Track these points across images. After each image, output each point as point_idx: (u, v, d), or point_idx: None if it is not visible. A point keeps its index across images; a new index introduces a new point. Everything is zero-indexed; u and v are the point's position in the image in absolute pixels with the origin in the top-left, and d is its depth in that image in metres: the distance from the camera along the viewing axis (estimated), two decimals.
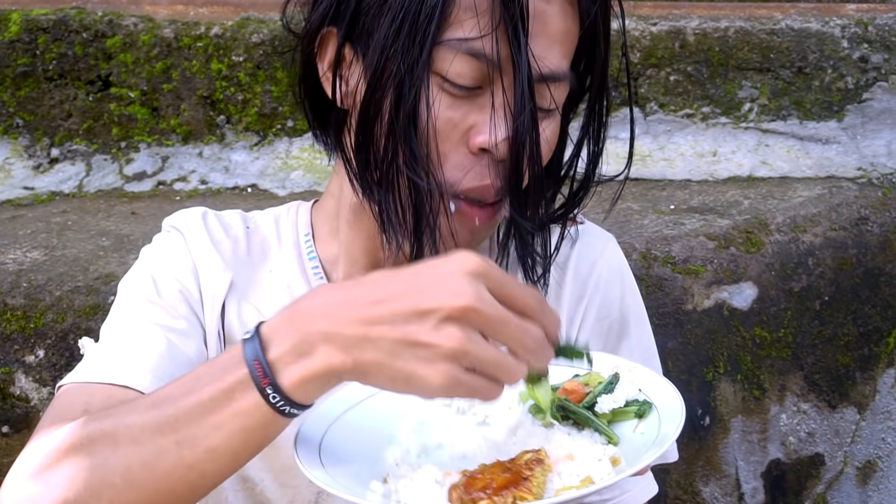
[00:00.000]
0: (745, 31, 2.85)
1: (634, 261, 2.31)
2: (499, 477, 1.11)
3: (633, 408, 1.24)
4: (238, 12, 2.91)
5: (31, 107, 2.92)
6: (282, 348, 1.08)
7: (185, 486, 1.11)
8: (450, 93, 1.28)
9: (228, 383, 1.09)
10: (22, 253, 2.44)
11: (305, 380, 1.07)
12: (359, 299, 1.07)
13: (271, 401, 1.08)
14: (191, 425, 1.10)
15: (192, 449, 1.09)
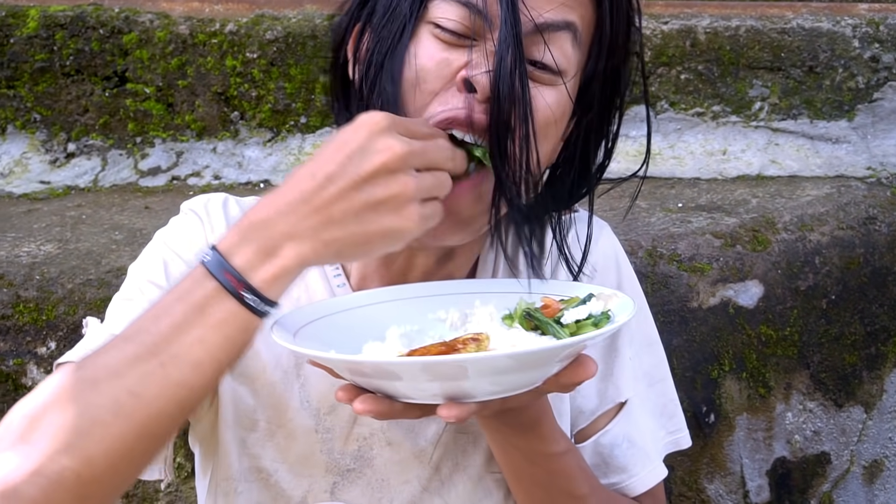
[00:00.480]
0: (755, 30, 2.86)
1: (640, 258, 2.32)
2: (434, 349, 1.21)
3: (591, 320, 1.28)
4: (252, 9, 2.94)
5: (49, 102, 2.96)
6: (247, 255, 1.14)
7: (174, 404, 1.14)
8: (441, 38, 1.31)
9: (199, 299, 1.14)
10: (36, 246, 2.47)
11: (278, 276, 1.13)
12: (304, 192, 1.14)
13: (248, 303, 1.13)
14: (172, 345, 1.13)
15: (177, 367, 1.13)
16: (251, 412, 1.49)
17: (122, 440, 1.12)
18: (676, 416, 1.71)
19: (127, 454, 1.13)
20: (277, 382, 1.48)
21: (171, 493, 2.30)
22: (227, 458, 1.52)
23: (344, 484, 1.51)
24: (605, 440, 1.61)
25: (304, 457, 1.50)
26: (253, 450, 1.50)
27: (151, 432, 1.14)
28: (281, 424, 1.49)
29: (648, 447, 1.64)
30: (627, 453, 1.62)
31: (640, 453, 1.63)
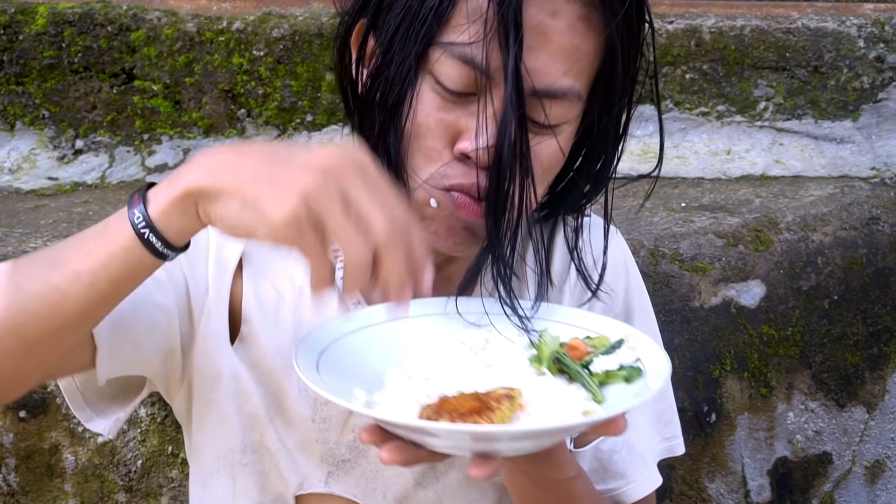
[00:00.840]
0: (760, 29, 2.86)
1: (642, 258, 2.33)
2: (468, 404, 1.18)
3: (623, 372, 1.28)
4: (260, 7, 2.95)
5: (57, 99, 2.97)
6: (159, 187, 1.14)
7: (46, 307, 1.15)
8: (441, 95, 1.30)
9: (111, 220, 1.16)
10: (42, 242, 2.49)
11: (168, 203, 1.11)
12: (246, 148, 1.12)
13: (135, 222, 1.12)
14: (66, 251, 1.16)
15: (60, 270, 1.15)
16: (252, 396, 1.50)
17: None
18: (673, 423, 1.72)
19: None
20: (278, 370, 1.49)
21: (174, 487, 2.32)
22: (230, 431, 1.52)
23: (339, 474, 1.52)
24: (605, 446, 1.62)
25: (300, 444, 1.51)
26: (258, 426, 1.51)
27: (20, 330, 1.16)
28: (280, 411, 1.50)
29: (646, 454, 1.65)
30: (626, 460, 1.63)
31: (639, 460, 1.64)
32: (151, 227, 1.12)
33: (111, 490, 2.33)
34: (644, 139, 2.87)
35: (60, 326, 1.18)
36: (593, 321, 1.41)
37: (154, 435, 2.31)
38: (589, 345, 1.35)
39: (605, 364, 1.29)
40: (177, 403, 1.56)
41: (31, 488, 2.35)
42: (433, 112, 1.30)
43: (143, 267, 1.16)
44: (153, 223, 1.12)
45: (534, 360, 1.35)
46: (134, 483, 2.32)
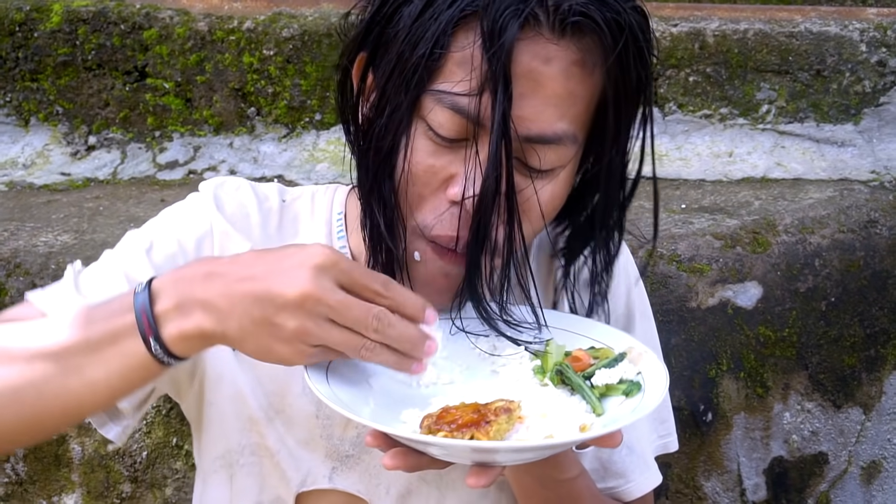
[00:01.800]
0: (763, 33, 2.87)
1: (640, 258, 2.34)
2: (467, 415, 1.22)
3: (622, 385, 1.31)
4: (270, 7, 2.98)
5: (71, 95, 3.02)
6: (166, 305, 1.21)
7: (60, 408, 1.24)
8: (434, 141, 1.31)
9: (117, 327, 1.22)
10: (53, 236, 2.53)
11: (183, 337, 1.21)
12: (229, 274, 1.21)
13: (152, 350, 1.21)
14: (79, 357, 1.23)
15: (76, 377, 1.23)
16: (251, 396, 1.52)
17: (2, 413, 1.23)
18: (668, 421, 1.74)
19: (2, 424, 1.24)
20: (280, 369, 1.51)
21: (178, 479, 2.35)
22: (228, 433, 1.55)
23: (343, 469, 1.54)
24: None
25: (304, 441, 1.53)
26: (258, 428, 1.53)
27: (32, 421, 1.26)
28: (281, 410, 1.52)
29: (646, 453, 1.67)
30: (626, 459, 1.65)
31: (639, 460, 1.66)
32: (167, 352, 1.21)
33: (117, 480, 2.36)
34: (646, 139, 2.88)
35: (71, 422, 1.32)
36: (599, 331, 1.43)
37: (159, 427, 2.34)
38: (593, 356, 1.37)
39: (606, 377, 1.32)
40: (186, 404, 1.60)
41: (38, 478, 2.39)
42: (425, 158, 1.31)
43: (156, 375, 1.26)
44: (168, 348, 1.21)
45: (537, 371, 1.38)
46: (139, 474, 2.36)
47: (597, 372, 1.33)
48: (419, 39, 1.27)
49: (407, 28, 1.28)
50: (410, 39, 1.28)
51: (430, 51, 1.26)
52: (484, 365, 1.41)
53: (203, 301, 1.19)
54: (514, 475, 1.48)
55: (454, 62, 1.26)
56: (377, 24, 1.34)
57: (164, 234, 1.51)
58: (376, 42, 1.35)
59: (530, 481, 1.47)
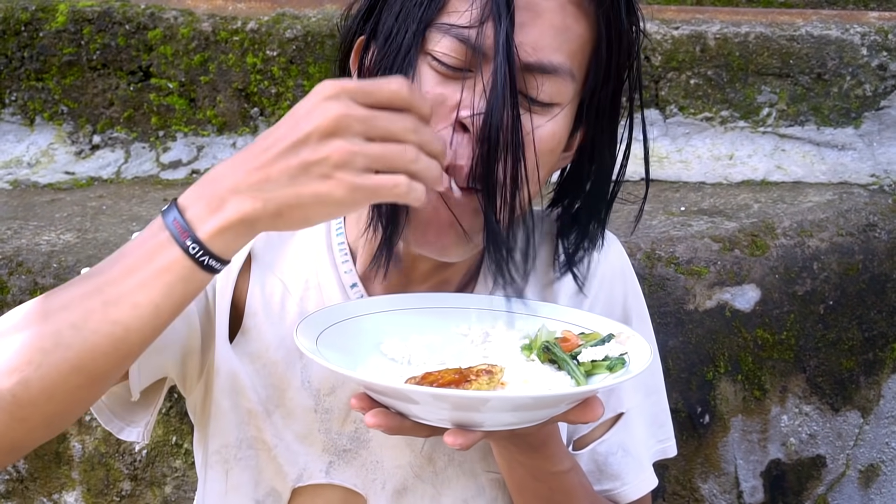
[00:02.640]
0: (765, 36, 2.88)
1: (638, 260, 2.36)
2: (448, 376, 1.24)
3: (606, 362, 1.33)
4: (274, 8, 3.00)
5: (76, 95, 3.04)
6: (197, 208, 1.18)
7: (109, 342, 1.19)
8: (439, 71, 1.34)
9: (151, 246, 1.19)
10: (56, 235, 2.55)
11: (222, 229, 1.16)
12: (252, 151, 1.18)
13: (191, 252, 1.17)
14: (117, 286, 1.19)
15: (117, 305, 1.18)
16: (250, 389, 1.54)
17: (58, 369, 1.18)
18: (666, 426, 1.74)
19: (62, 383, 1.19)
20: (280, 362, 1.53)
21: (178, 477, 2.37)
22: (225, 427, 1.56)
23: (340, 464, 1.55)
24: (602, 448, 1.65)
25: (302, 435, 1.54)
26: (255, 421, 1.54)
27: (86, 367, 1.20)
28: (280, 404, 1.53)
29: (642, 456, 1.68)
30: (622, 462, 1.65)
31: (634, 462, 1.66)
32: (206, 251, 1.17)
33: (117, 478, 2.38)
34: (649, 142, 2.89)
35: (124, 357, 1.23)
36: (590, 319, 1.45)
37: (159, 425, 2.36)
38: (581, 339, 1.39)
39: (592, 355, 1.34)
40: (192, 397, 1.61)
41: (39, 475, 2.40)
42: (432, 87, 1.34)
43: (199, 286, 1.21)
44: (207, 248, 1.17)
45: (524, 348, 1.40)
46: (139, 472, 2.37)
47: (583, 350, 1.36)
48: None
49: None
50: None
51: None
52: (475, 350, 1.43)
53: (233, 187, 1.16)
54: (507, 468, 1.50)
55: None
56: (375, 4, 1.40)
57: None
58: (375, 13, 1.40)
59: (524, 473, 1.48)
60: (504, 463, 1.49)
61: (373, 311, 1.44)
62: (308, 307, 1.52)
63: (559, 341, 1.38)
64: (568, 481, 1.49)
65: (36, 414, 1.20)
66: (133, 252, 1.21)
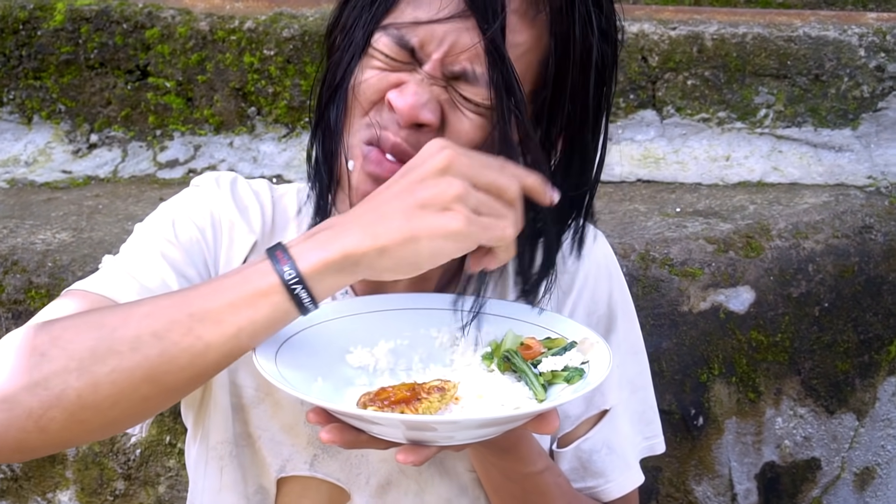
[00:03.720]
0: (762, 37, 2.87)
1: (632, 261, 2.35)
2: (400, 393, 1.24)
3: (565, 373, 1.33)
4: (272, 7, 3.00)
5: (73, 93, 3.04)
6: (305, 244, 1.20)
7: (188, 356, 1.19)
8: (380, 61, 1.36)
9: (250, 272, 1.21)
10: (51, 234, 2.55)
11: (324, 263, 1.18)
12: (368, 199, 1.22)
13: (286, 279, 1.18)
14: (206, 301, 1.20)
15: (202, 322, 1.19)
16: (242, 378, 1.54)
17: (130, 375, 1.18)
18: (654, 423, 1.74)
19: (130, 390, 1.19)
20: None
21: (171, 476, 2.37)
22: (222, 422, 1.56)
23: (324, 457, 1.55)
24: (586, 446, 1.65)
25: (288, 426, 1.54)
26: (244, 415, 1.55)
27: (159, 378, 1.19)
28: (269, 393, 1.54)
29: (627, 453, 1.68)
30: (606, 459, 1.65)
31: (619, 459, 1.66)
32: (303, 283, 1.18)
33: (110, 477, 2.38)
34: (645, 143, 2.89)
35: (198, 375, 1.22)
36: (558, 323, 1.44)
37: (153, 425, 2.36)
38: (546, 345, 1.39)
39: (552, 364, 1.33)
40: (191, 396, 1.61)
41: (33, 474, 2.41)
42: (371, 76, 1.36)
43: (284, 320, 1.22)
44: (305, 280, 1.18)
45: (486, 357, 1.40)
46: (132, 471, 2.38)
47: (544, 360, 1.35)
48: None
49: None
50: None
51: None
52: (443, 354, 1.43)
53: (343, 227, 1.19)
54: (481, 468, 1.51)
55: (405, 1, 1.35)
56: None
57: (182, 220, 1.53)
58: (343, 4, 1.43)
59: (497, 474, 1.49)
60: (478, 464, 1.51)
61: (340, 316, 1.44)
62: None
63: (521, 349, 1.38)
64: (542, 481, 1.50)
65: (97, 418, 1.20)
66: (232, 275, 1.23)
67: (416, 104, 1.32)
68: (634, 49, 2.86)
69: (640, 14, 2.92)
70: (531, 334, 1.41)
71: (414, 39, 1.33)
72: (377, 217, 1.18)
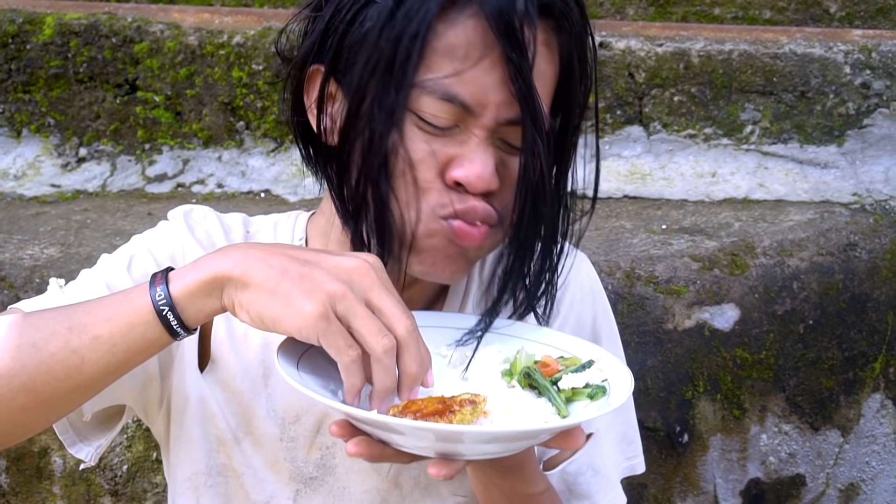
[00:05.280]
0: (748, 54, 2.88)
1: (618, 279, 2.36)
2: (432, 406, 1.22)
3: (588, 389, 1.33)
4: (260, 22, 3.00)
5: (63, 107, 3.04)
6: (186, 266, 1.21)
7: (63, 369, 1.20)
8: (425, 130, 1.31)
9: (134, 289, 1.22)
10: (39, 249, 2.55)
11: (196, 285, 1.19)
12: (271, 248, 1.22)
13: (156, 300, 1.19)
14: (86, 316, 1.21)
15: (79, 335, 1.20)
16: (220, 417, 1.54)
17: (8, 383, 1.20)
18: (635, 443, 1.74)
19: (8, 398, 1.21)
20: (245, 391, 1.52)
21: (158, 493, 2.37)
22: (196, 454, 1.55)
23: (307, 492, 1.55)
24: (571, 468, 1.64)
25: (269, 463, 1.54)
26: (226, 449, 1.54)
27: (36, 388, 1.20)
28: (248, 432, 1.53)
29: (610, 474, 1.68)
30: (591, 481, 1.65)
31: (603, 480, 1.66)
32: (171, 306, 1.19)
33: (97, 493, 2.38)
34: (632, 160, 2.89)
35: (74, 388, 1.23)
36: (568, 342, 1.45)
37: (139, 441, 2.36)
38: (561, 363, 1.39)
39: (572, 381, 1.34)
40: (156, 426, 1.60)
41: (21, 489, 2.41)
42: (422, 145, 1.32)
43: (157, 342, 1.22)
44: (174, 302, 1.19)
45: (505, 374, 1.40)
46: (119, 487, 2.38)
47: (564, 377, 1.35)
48: (400, 35, 1.28)
49: (380, 26, 1.28)
50: (387, 36, 1.28)
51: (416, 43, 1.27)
52: (454, 373, 1.42)
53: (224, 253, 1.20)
54: (482, 489, 1.49)
55: (438, 53, 1.28)
56: (333, 33, 1.33)
57: (141, 252, 1.52)
58: (336, 50, 1.34)
59: (498, 495, 1.48)
60: (479, 485, 1.49)
61: None
62: (269, 337, 1.51)
63: (539, 366, 1.38)
64: (542, 503, 1.50)
65: None
66: (121, 292, 1.23)
67: (489, 176, 1.31)
68: (621, 65, 2.87)
69: (627, 30, 2.93)
70: (541, 353, 1.42)
71: (463, 93, 1.29)
72: (260, 259, 1.18)
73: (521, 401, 1.33)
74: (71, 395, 1.23)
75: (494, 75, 1.29)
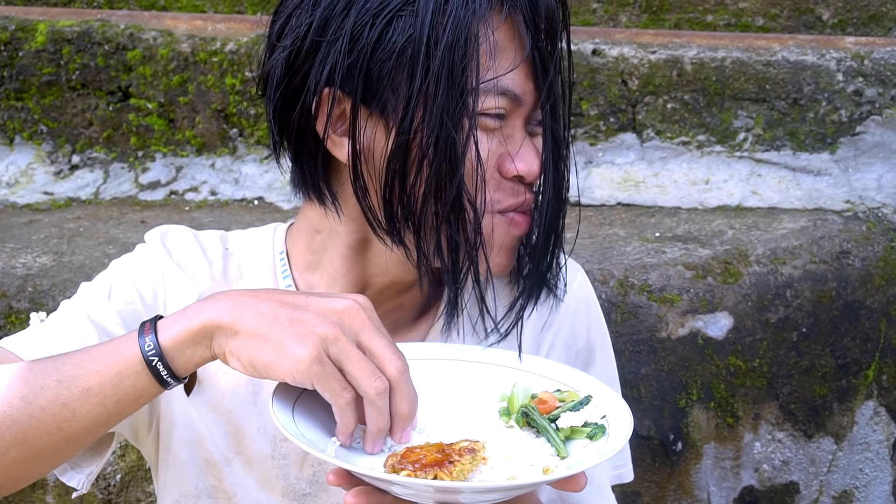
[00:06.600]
0: (741, 61, 2.89)
1: (611, 288, 2.36)
2: (431, 455, 1.22)
3: (587, 429, 1.32)
4: (253, 29, 3.00)
5: (55, 114, 3.04)
6: (176, 314, 1.21)
7: (54, 422, 1.20)
8: (486, 128, 1.35)
9: (123, 339, 1.22)
10: (32, 258, 2.55)
11: (180, 336, 1.19)
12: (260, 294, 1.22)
13: (145, 351, 1.19)
14: (75, 368, 1.21)
15: (69, 388, 1.20)
16: (208, 440, 1.54)
17: (1, 438, 1.19)
18: (624, 451, 1.74)
19: (2, 453, 1.20)
20: (234, 411, 1.52)
21: (151, 502, 2.37)
22: (184, 477, 1.55)
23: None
24: None
25: (261, 482, 1.53)
26: (216, 471, 1.54)
27: (28, 442, 1.20)
28: (239, 451, 1.53)
29: (602, 483, 1.68)
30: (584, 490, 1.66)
31: (596, 490, 1.66)
32: (160, 355, 1.19)
33: (91, 502, 2.38)
34: (625, 167, 2.90)
35: (66, 441, 1.23)
36: (565, 374, 1.43)
37: (133, 450, 2.36)
38: (559, 399, 1.38)
39: (571, 420, 1.33)
40: (146, 449, 1.60)
41: (14, 498, 2.40)
42: (485, 144, 1.35)
43: (147, 392, 1.22)
44: (163, 352, 1.19)
45: (503, 413, 1.38)
46: (113, 496, 2.38)
47: (562, 415, 1.34)
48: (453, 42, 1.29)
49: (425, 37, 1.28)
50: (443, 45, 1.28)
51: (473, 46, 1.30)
52: (451, 407, 1.41)
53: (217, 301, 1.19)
54: None
55: (485, 52, 1.32)
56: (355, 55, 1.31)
57: (121, 281, 1.52)
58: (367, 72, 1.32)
59: None
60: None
61: None
62: None
63: (536, 402, 1.37)
64: None
65: None
66: (109, 342, 1.23)
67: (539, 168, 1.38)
68: (614, 72, 2.87)
69: (620, 37, 2.93)
70: (538, 385, 1.41)
71: (512, 85, 1.34)
72: (250, 306, 1.18)
73: (520, 443, 1.32)
74: (62, 447, 1.24)
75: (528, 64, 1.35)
